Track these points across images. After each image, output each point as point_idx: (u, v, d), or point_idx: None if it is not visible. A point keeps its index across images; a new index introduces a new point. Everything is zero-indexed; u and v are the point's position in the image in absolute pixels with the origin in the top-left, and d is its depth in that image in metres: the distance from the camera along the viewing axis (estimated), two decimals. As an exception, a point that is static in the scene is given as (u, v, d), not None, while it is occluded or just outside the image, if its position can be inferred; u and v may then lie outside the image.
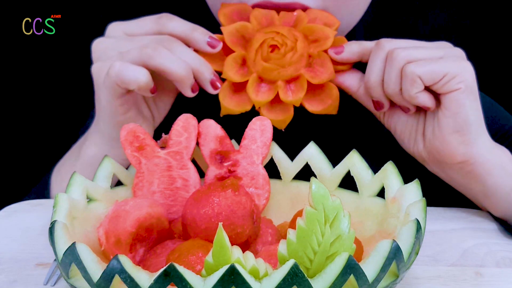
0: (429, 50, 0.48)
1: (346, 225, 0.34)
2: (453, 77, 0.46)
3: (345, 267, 0.32)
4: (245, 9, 0.52)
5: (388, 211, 0.42)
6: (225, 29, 0.51)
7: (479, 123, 0.48)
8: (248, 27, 0.51)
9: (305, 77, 0.50)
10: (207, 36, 0.49)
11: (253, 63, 0.50)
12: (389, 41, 0.49)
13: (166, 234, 0.43)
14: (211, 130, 0.46)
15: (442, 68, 0.46)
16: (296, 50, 0.49)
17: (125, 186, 0.47)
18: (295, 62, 0.49)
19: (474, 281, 0.43)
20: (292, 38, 0.49)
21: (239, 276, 0.31)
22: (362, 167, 0.45)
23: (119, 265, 0.32)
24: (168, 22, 0.50)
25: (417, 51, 0.47)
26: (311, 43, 0.51)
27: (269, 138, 0.47)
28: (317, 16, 0.51)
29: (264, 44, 0.49)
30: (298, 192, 0.48)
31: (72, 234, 0.38)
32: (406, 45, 0.49)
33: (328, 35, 0.50)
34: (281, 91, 0.50)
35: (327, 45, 0.50)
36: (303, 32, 0.50)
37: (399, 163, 0.45)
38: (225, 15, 0.52)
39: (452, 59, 0.47)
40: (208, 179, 0.46)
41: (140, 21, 0.51)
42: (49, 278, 0.43)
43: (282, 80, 0.50)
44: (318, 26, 0.50)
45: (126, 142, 0.45)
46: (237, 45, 0.51)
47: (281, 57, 0.49)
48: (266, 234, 0.43)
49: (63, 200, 0.40)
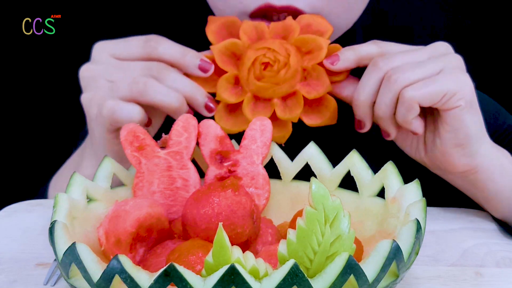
0: (427, 66, 0.46)
1: (346, 225, 0.34)
2: (452, 95, 0.46)
3: (345, 267, 0.32)
4: (233, 22, 0.51)
5: (388, 211, 0.42)
6: (214, 48, 0.49)
7: (480, 134, 0.48)
8: (238, 44, 0.49)
9: (301, 93, 0.49)
10: (198, 60, 0.49)
11: (246, 82, 0.49)
12: (385, 60, 0.47)
13: (166, 234, 0.43)
14: (211, 130, 0.46)
15: (440, 88, 0.45)
16: (289, 66, 0.48)
17: (125, 186, 0.47)
18: (290, 79, 0.48)
19: (474, 281, 0.43)
20: (285, 53, 0.48)
21: (239, 276, 0.31)
22: (362, 167, 0.45)
23: (119, 265, 0.32)
24: (157, 47, 0.48)
25: (415, 72, 0.46)
26: (305, 55, 0.49)
27: (269, 138, 0.47)
28: (309, 22, 0.50)
29: (256, 62, 0.48)
30: (298, 192, 0.48)
31: (72, 234, 0.38)
32: (401, 61, 0.47)
33: (321, 45, 0.49)
34: (278, 108, 0.49)
35: (321, 56, 0.48)
36: (296, 44, 0.49)
37: (399, 163, 0.45)
38: (213, 33, 0.50)
39: (450, 74, 0.46)
40: (208, 179, 0.46)
41: (127, 43, 0.49)
42: (49, 278, 0.43)
43: (277, 97, 0.49)
44: (311, 36, 0.49)
45: (126, 142, 0.45)
46: (228, 64, 0.50)
47: (274, 74, 0.48)
48: (266, 234, 0.43)
49: (63, 200, 0.40)
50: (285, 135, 0.50)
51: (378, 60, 0.47)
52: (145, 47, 0.48)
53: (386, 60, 0.47)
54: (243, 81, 0.49)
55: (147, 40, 0.49)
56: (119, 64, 0.48)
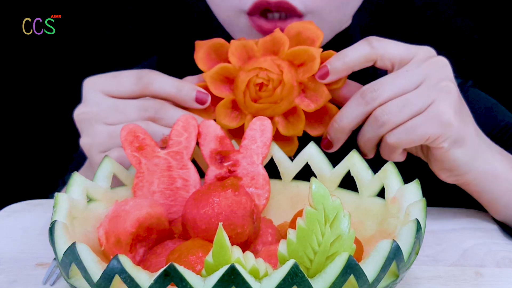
0: (414, 104, 0.45)
1: (346, 225, 0.34)
2: (435, 139, 0.46)
3: (345, 267, 0.32)
4: (220, 45, 0.50)
5: (388, 211, 0.42)
6: (206, 75, 0.49)
7: (470, 159, 0.48)
8: (230, 68, 0.49)
9: (301, 108, 0.49)
10: (194, 92, 0.48)
11: (244, 106, 0.49)
12: (373, 93, 0.46)
13: (166, 234, 0.43)
14: (211, 130, 0.46)
15: (423, 134, 0.45)
16: (284, 83, 0.47)
17: (125, 186, 0.47)
18: (287, 96, 0.48)
19: (474, 281, 0.43)
20: (277, 71, 0.48)
21: (239, 276, 0.31)
22: (362, 167, 0.45)
23: (119, 265, 0.32)
24: (150, 83, 0.48)
25: (402, 114, 0.45)
26: (298, 67, 0.49)
27: (269, 138, 0.47)
28: (298, 30, 0.49)
29: (250, 84, 0.48)
30: (298, 192, 0.48)
31: (72, 234, 0.38)
32: (390, 94, 0.45)
33: (314, 56, 0.48)
34: (280, 126, 0.49)
35: (315, 66, 0.48)
36: (287, 59, 0.48)
37: (399, 163, 0.45)
38: (202, 59, 0.50)
39: (435, 115, 0.45)
40: (208, 179, 0.46)
41: (119, 80, 0.48)
42: (48, 277, 0.43)
43: (278, 115, 0.49)
44: (302, 48, 0.48)
45: (126, 142, 0.45)
46: (223, 90, 0.49)
47: (271, 93, 0.48)
48: (266, 234, 0.43)
49: (63, 200, 0.40)
50: (292, 148, 0.50)
51: (366, 92, 0.46)
52: (138, 84, 0.48)
53: (374, 93, 0.46)
54: (241, 105, 0.49)
55: (139, 76, 0.48)
56: (114, 105, 0.48)
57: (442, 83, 0.46)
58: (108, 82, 0.48)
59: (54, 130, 1.11)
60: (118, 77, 0.49)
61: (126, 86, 0.48)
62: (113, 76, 0.49)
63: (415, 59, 0.47)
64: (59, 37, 0.95)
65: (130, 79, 0.48)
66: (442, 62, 0.47)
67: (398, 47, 0.48)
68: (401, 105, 0.45)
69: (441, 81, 0.46)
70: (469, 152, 0.48)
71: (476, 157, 0.48)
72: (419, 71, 0.46)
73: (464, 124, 0.47)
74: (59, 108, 1.12)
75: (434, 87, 0.46)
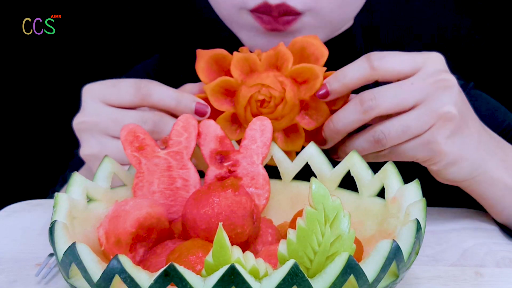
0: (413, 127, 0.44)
1: (346, 225, 0.34)
2: (424, 161, 0.47)
3: (345, 267, 0.32)
4: (223, 56, 0.50)
5: (388, 211, 0.42)
6: (207, 88, 0.49)
7: (467, 173, 0.48)
8: (231, 81, 0.49)
9: (301, 126, 0.49)
10: (194, 104, 0.48)
11: (244, 120, 0.49)
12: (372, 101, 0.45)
13: (166, 234, 0.43)
14: (211, 130, 0.46)
15: (413, 157, 0.46)
16: (286, 101, 0.47)
17: (125, 186, 0.47)
18: (288, 113, 0.48)
19: (474, 281, 0.43)
20: (280, 88, 0.47)
21: (239, 276, 0.31)
22: (362, 167, 0.45)
23: (119, 265, 0.32)
24: (150, 95, 0.47)
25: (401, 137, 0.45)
26: (301, 85, 0.48)
27: (269, 138, 0.47)
28: (303, 45, 0.48)
29: (251, 99, 0.48)
30: (298, 192, 0.48)
31: (72, 234, 0.38)
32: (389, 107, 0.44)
33: (317, 75, 0.47)
34: (279, 142, 0.49)
35: (317, 85, 0.47)
36: (290, 76, 0.48)
37: (399, 163, 0.45)
38: (203, 70, 0.50)
39: (424, 144, 0.45)
40: (208, 179, 0.46)
41: (118, 90, 0.48)
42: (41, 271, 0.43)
43: (278, 131, 0.49)
44: (306, 66, 0.47)
45: (126, 142, 0.45)
46: (223, 103, 0.49)
47: (272, 110, 0.47)
48: (266, 234, 0.43)
49: (63, 200, 0.40)
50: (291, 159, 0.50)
51: (365, 99, 0.45)
52: (137, 95, 0.48)
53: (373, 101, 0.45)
54: (241, 119, 0.49)
55: (138, 87, 0.48)
56: (113, 115, 0.48)
57: (445, 108, 0.45)
58: (108, 91, 0.48)
59: (54, 130, 1.11)
60: (117, 86, 0.48)
61: (125, 96, 0.48)
62: (112, 85, 0.48)
63: (422, 72, 0.45)
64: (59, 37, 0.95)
65: (129, 90, 0.48)
66: (449, 82, 0.45)
67: (402, 62, 0.46)
68: (400, 130, 0.45)
69: (443, 106, 0.45)
70: (467, 168, 0.48)
71: (474, 170, 0.48)
72: (423, 88, 0.45)
73: (461, 146, 0.46)
74: (59, 108, 1.12)
75: (435, 112, 0.45)
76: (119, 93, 0.48)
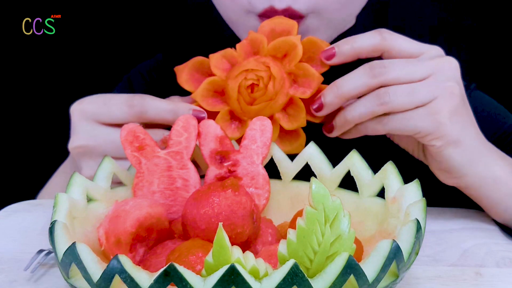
0: (420, 93, 0.45)
1: (346, 225, 0.34)
2: (425, 135, 0.46)
3: (345, 267, 0.32)
4: (201, 63, 0.50)
5: (388, 211, 0.42)
6: (196, 95, 0.49)
7: (468, 160, 0.48)
8: (217, 81, 0.49)
9: (297, 96, 0.48)
10: (190, 112, 0.48)
11: (242, 113, 0.49)
12: (382, 69, 0.45)
13: (166, 234, 0.43)
14: (211, 130, 0.46)
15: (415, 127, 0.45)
16: (274, 77, 0.47)
17: (125, 186, 0.47)
18: (280, 89, 0.48)
19: (474, 281, 0.43)
20: (263, 67, 0.48)
21: (239, 276, 0.31)
22: (362, 167, 0.45)
23: (119, 265, 0.32)
24: (145, 111, 0.47)
25: (407, 99, 0.44)
26: (282, 59, 0.49)
27: (269, 138, 0.47)
28: (271, 27, 0.49)
29: (241, 89, 0.48)
30: (298, 192, 0.48)
31: (72, 234, 0.38)
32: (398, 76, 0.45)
33: (294, 44, 0.48)
34: (283, 122, 0.49)
35: (298, 53, 0.48)
36: (269, 54, 0.49)
37: (399, 163, 0.45)
38: (187, 81, 0.50)
39: (431, 112, 0.45)
40: (208, 179, 0.46)
41: (110, 107, 0.47)
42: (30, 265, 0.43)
43: (277, 111, 0.49)
44: (280, 40, 0.48)
45: (126, 142, 0.45)
46: (216, 104, 0.49)
47: (264, 91, 0.48)
48: (266, 234, 0.43)
49: (63, 200, 0.40)
50: (301, 142, 0.50)
51: (375, 66, 0.46)
52: (130, 113, 0.47)
53: (383, 69, 0.45)
54: (238, 113, 0.49)
55: (131, 105, 0.47)
56: (110, 137, 0.47)
57: (449, 83, 0.46)
58: (99, 110, 0.47)
59: (54, 130, 1.11)
60: (108, 104, 0.47)
61: (119, 114, 0.47)
62: (103, 103, 0.48)
63: (426, 54, 0.47)
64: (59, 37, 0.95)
65: (122, 108, 0.47)
66: (452, 63, 0.47)
67: (409, 42, 0.48)
68: (407, 91, 0.45)
69: (448, 80, 0.46)
70: (466, 154, 0.47)
71: (475, 160, 0.48)
72: (430, 64, 0.46)
73: (462, 127, 0.47)
74: (59, 108, 1.12)
75: (441, 84, 0.46)
76: (111, 112, 0.47)
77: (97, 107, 0.48)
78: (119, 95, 0.48)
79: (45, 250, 0.45)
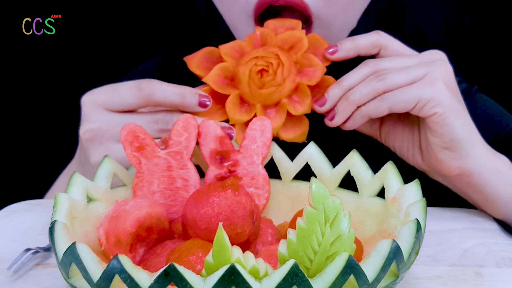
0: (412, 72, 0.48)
1: (346, 225, 0.34)
2: (426, 103, 0.46)
3: (345, 267, 0.32)
4: (211, 52, 0.52)
5: (388, 211, 0.42)
6: (208, 78, 0.50)
7: (469, 137, 0.48)
8: (228, 66, 0.51)
9: (304, 84, 0.50)
10: (196, 97, 0.48)
11: (251, 96, 0.50)
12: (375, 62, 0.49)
13: (166, 234, 0.43)
14: (211, 130, 0.46)
15: (415, 96, 0.47)
16: (283, 63, 0.50)
17: (125, 186, 0.47)
18: (288, 74, 0.50)
19: (474, 281, 0.43)
20: (272, 55, 0.50)
21: (239, 276, 0.31)
22: (362, 167, 0.45)
23: (119, 265, 0.32)
24: (152, 94, 0.47)
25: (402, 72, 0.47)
26: (289, 51, 0.51)
27: (269, 138, 0.47)
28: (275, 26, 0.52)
29: (251, 73, 0.50)
30: (298, 192, 0.48)
31: (72, 234, 0.38)
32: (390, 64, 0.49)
33: (300, 37, 0.51)
34: (289, 107, 0.50)
35: (304, 45, 0.51)
36: (277, 45, 0.51)
37: (399, 163, 0.45)
38: (198, 67, 0.51)
39: (427, 82, 0.47)
40: (208, 179, 0.46)
41: (119, 93, 0.48)
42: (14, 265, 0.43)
43: (284, 97, 0.50)
44: (287, 33, 0.51)
45: (126, 142, 0.45)
46: (227, 87, 0.51)
47: (273, 76, 0.49)
48: (266, 234, 0.43)
49: (63, 200, 0.40)
50: (304, 131, 0.51)
51: (372, 60, 0.49)
52: (139, 97, 0.48)
53: (380, 61, 0.49)
54: (248, 97, 0.50)
55: (139, 88, 0.48)
56: (121, 121, 0.47)
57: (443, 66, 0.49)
58: (109, 97, 0.48)
59: (54, 130, 1.12)
60: (118, 90, 0.48)
61: (127, 99, 0.48)
62: (112, 90, 0.48)
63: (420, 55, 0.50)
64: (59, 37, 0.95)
65: (131, 92, 0.48)
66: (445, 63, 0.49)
67: (404, 46, 0.51)
68: (403, 70, 0.48)
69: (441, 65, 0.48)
70: (468, 129, 0.48)
71: (476, 141, 0.49)
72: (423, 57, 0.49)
73: (458, 101, 0.48)
74: (59, 108, 1.12)
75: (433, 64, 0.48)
76: (122, 97, 0.48)
77: (107, 95, 0.48)
78: (127, 82, 0.49)
79: (32, 249, 0.45)
